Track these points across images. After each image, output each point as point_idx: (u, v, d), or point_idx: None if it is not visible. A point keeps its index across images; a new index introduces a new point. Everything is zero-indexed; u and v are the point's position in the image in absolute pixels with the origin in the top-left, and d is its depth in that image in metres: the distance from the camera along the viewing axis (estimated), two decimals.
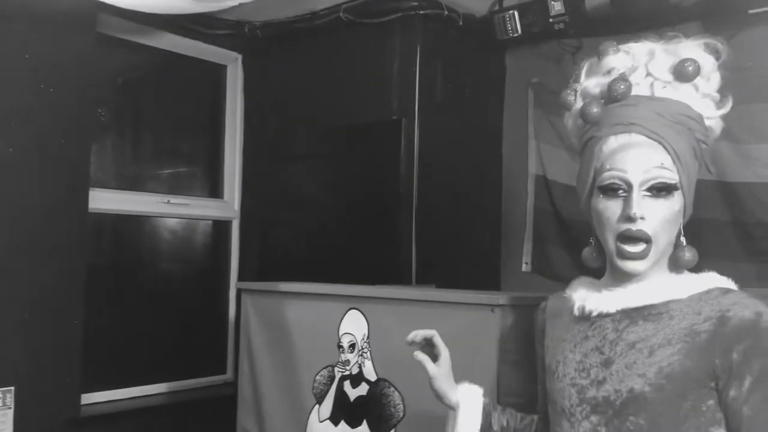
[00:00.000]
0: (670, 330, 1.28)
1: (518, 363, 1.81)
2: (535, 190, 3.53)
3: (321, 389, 2.18)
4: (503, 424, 1.55)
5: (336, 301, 2.17)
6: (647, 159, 1.28)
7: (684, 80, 1.32)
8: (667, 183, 1.28)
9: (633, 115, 1.30)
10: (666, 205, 1.29)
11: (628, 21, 3.01)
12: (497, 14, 3.14)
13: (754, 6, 2.63)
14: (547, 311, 1.54)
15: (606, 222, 1.32)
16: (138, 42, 3.38)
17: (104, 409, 3.13)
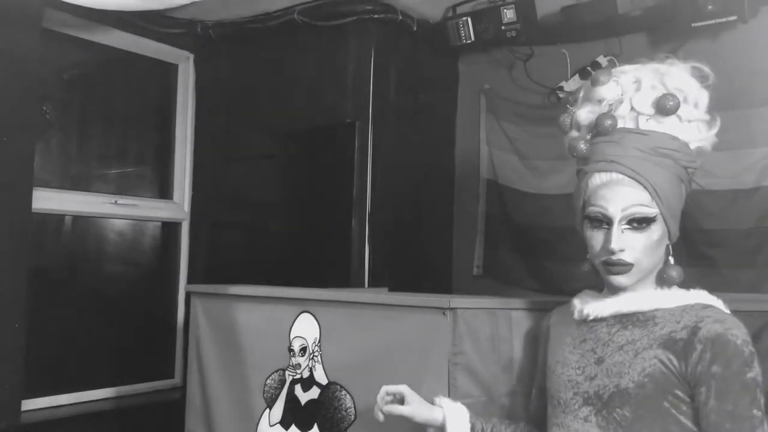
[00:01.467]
0: (654, 335, 1.42)
1: (469, 365, 1.82)
2: (487, 195, 3.58)
3: (272, 393, 2.16)
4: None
5: (287, 305, 2.16)
6: (626, 197, 1.42)
7: (665, 114, 1.42)
8: (645, 217, 1.42)
9: (615, 153, 1.44)
10: (645, 235, 1.43)
11: (577, 30, 3.10)
12: (451, 20, 3.17)
13: (697, 20, 2.72)
14: (552, 319, 1.69)
15: (592, 249, 1.49)
16: (86, 39, 3.30)
17: (46, 416, 3.03)
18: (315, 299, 2.12)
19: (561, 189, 3.32)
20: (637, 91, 1.44)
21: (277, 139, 3.46)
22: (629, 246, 1.42)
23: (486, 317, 1.86)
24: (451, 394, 1.79)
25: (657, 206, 1.42)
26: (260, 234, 3.46)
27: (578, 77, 3.28)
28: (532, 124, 3.43)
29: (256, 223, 3.48)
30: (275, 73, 3.46)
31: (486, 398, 1.82)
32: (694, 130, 1.47)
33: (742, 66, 2.88)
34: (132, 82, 3.62)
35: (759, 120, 2.81)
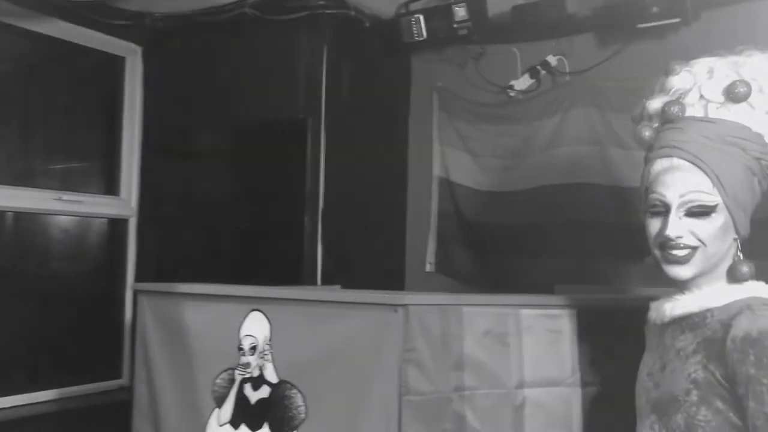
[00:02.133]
0: (699, 338, 1.35)
1: (420, 362, 1.83)
2: (439, 192, 3.61)
3: (221, 392, 2.13)
4: None
5: (237, 303, 2.13)
6: (685, 183, 1.35)
7: (735, 101, 1.36)
8: (704, 205, 1.34)
9: (678, 139, 1.38)
10: (705, 224, 1.35)
11: (527, 29, 3.14)
12: (403, 17, 3.18)
13: (643, 21, 2.78)
14: (648, 320, 1.57)
15: (650, 237, 1.41)
16: (29, 29, 3.20)
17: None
18: (265, 297, 2.10)
19: (512, 186, 3.37)
20: (709, 79, 1.40)
21: (228, 134, 3.42)
22: (687, 233, 1.34)
23: (437, 314, 1.87)
24: (402, 391, 1.80)
25: (719, 194, 1.34)
26: (210, 231, 3.41)
27: (528, 76, 3.33)
28: (485, 122, 3.46)
29: (207, 220, 3.43)
30: (226, 68, 3.42)
31: (437, 395, 1.83)
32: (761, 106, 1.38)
33: None
34: (78, 74, 3.53)
35: None
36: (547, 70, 3.29)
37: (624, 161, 3.08)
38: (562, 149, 3.24)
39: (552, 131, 3.26)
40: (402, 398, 1.80)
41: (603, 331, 1.94)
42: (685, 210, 1.35)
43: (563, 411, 1.88)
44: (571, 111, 3.22)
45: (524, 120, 3.34)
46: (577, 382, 1.89)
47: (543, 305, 1.95)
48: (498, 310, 1.91)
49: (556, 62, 3.27)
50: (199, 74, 3.49)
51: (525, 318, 1.90)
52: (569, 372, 1.89)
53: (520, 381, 1.87)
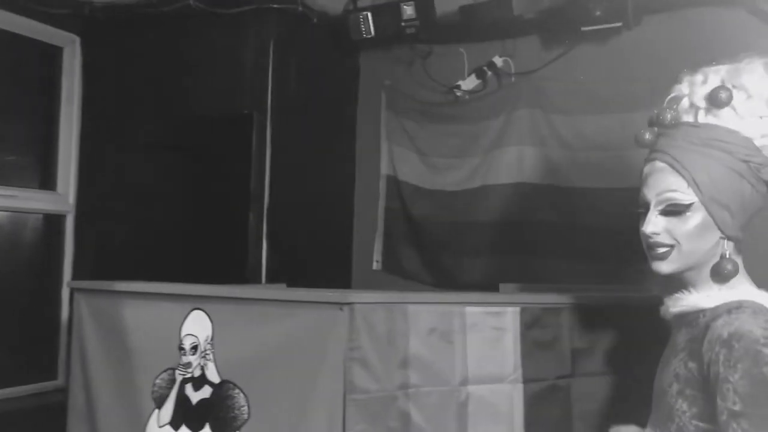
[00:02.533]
0: (689, 337, 1.41)
1: (366, 360, 1.82)
2: (387, 190, 3.61)
3: (161, 393, 2.08)
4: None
5: (178, 301, 2.08)
6: (662, 183, 1.43)
7: (717, 106, 1.41)
8: (678, 203, 1.41)
9: (665, 143, 1.46)
10: (679, 222, 1.41)
11: (474, 30, 3.17)
12: (351, 14, 3.17)
13: (586, 24, 2.84)
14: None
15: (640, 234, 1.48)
16: None
17: None
18: (208, 296, 2.06)
19: (458, 186, 3.40)
20: (702, 86, 1.45)
21: (171, 129, 3.35)
22: (664, 230, 1.42)
23: (383, 312, 1.87)
24: (346, 389, 1.79)
25: (695, 193, 1.39)
26: (152, 228, 3.34)
27: (475, 76, 3.36)
28: (432, 122, 3.49)
29: (148, 217, 3.36)
30: (169, 61, 3.34)
31: (382, 393, 1.83)
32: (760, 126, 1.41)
33: (626, 70, 3.04)
34: (12, 64, 3.39)
35: (641, 123, 2.97)
36: (493, 71, 3.33)
37: (567, 162, 3.14)
38: (507, 149, 3.28)
39: (497, 131, 3.31)
40: (347, 397, 1.79)
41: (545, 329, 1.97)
42: (660, 209, 1.43)
43: (506, 407, 1.91)
44: (516, 112, 3.27)
45: (470, 120, 3.38)
46: (520, 379, 1.92)
47: (487, 303, 1.97)
48: (443, 308, 1.92)
49: (502, 63, 3.31)
50: (141, 66, 3.41)
51: (470, 316, 1.92)
52: (512, 369, 1.92)
53: (464, 378, 1.89)
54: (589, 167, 3.08)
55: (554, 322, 1.99)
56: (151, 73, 3.38)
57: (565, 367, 1.99)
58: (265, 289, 2.57)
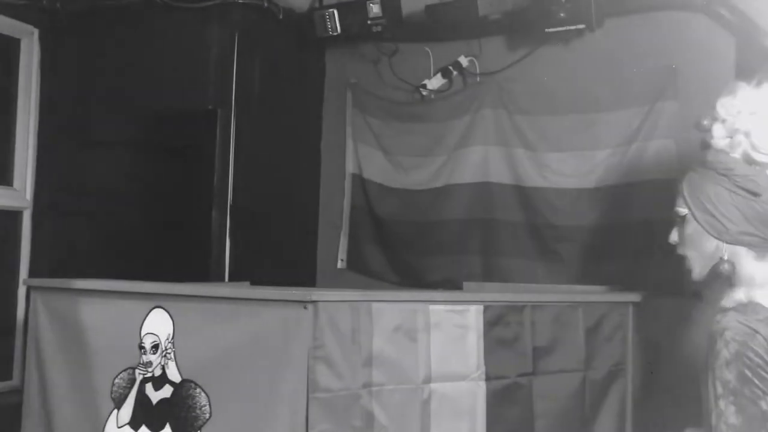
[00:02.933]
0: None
1: (329, 359, 1.82)
2: (352, 189, 3.61)
3: (120, 393, 2.05)
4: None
5: (139, 300, 2.05)
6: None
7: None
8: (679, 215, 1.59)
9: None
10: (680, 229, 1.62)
11: (440, 29, 3.18)
12: (317, 11, 3.16)
13: (550, 25, 2.88)
14: None
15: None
16: None
17: None
18: (169, 294, 2.03)
19: (423, 185, 3.42)
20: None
21: (133, 124, 3.31)
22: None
23: (348, 310, 1.87)
24: (309, 388, 1.78)
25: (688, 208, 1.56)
26: (112, 225, 3.28)
27: (440, 76, 3.38)
28: (397, 121, 3.49)
29: (109, 214, 3.30)
30: (132, 55, 3.28)
31: (346, 392, 1.83)
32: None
33: (589, 72, 3.09)
34: None
35: (603, 124, 3.02)
36: (459, 70, 3.35)
37: (529, 162, 3.18)
38: (472, 149, 3.31)
39: (462, 131, 3.33)
40: (310, 395, 1.79)
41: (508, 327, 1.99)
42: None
43: (468, 405, 1.93)
44: (481, 111, 3.29)
45: (436, 119, 3.39)
46: (482, 377, 1.94)
47: (451, 301, 1.98)
48: (407, 306, 1.93)
49: (468, 63, 3.33)
50: (102, 60, 3.34)
51: (434, 314, 1.93)
52: (475, 367, 1.94)
53: (427, 376, 1.90)
54: (552, 167, 3.13)
55: (517, 321, 2.01)
56: (112, 67, 3.32)
57: (527, 364, 2.01)
58: (228, 288, 2.54)
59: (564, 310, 2.10)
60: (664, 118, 2.97)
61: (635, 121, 3.01)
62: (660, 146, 2.97)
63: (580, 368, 2.08)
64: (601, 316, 2.15)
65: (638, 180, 3.00)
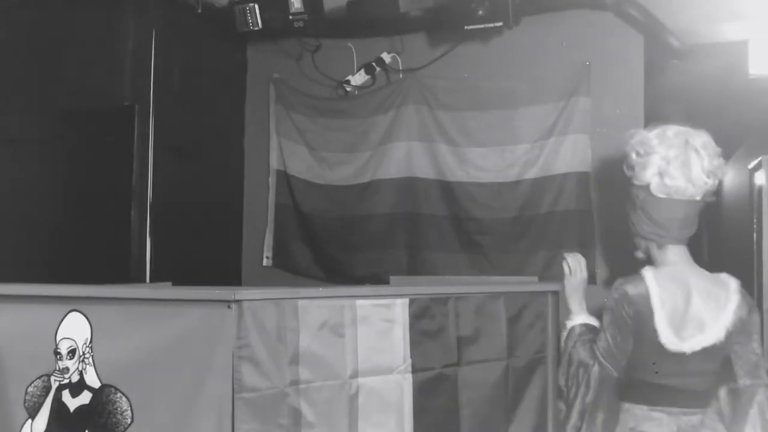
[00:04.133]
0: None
1: (254, 358, 1.80)
2: (277, 185, 3.58)
3: (34, 402, 1.96)
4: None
5: (53, 304, 1.97)
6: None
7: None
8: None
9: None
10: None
11: (363, 25, 3.20)
12: (237, 5, 3.12)
13: (469, 23, 2.94)
14: None
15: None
16: None
17: None
18: (85, 297, 1.96)
19: (348, 180, 3.43)
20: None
21: (47, 120, 3.18)
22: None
23: (273, 308, 1.85)
24: (235, 388, 1.76)
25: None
26: (27, 226, 3.15)
27: (364, 72, 3.40)
28: (321, 116, 3.49)
29: (22, 215, 3.16)
30: (46, 49, 3.16)
31: (273, 391, 1.82)
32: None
33: (507, 68, 3.18)
34: None
35: (521, 119, 3.12)
36: (382, 67, 3.38)
37: (451, 157, 3.24)
38: (395, 144, 3.34)
39: (386, 127, 3.36)
40: (235, 396, 1.76)
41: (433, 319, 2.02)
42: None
43: (395, 397, 1.95)
44: (404, 107, 3.33)
45: (359, 115, 3.41)
46: (408, 369, 1.96)
47: (377, 295, 1.99)
48: (333, 302, 1.93)
49: (390, 60, 3.36)
50: (15, 53, 3.19)
51: (360, 308, 1.94)
52: (401, 359, 1.96)
53: (354, 371, 1.91)
54: (473, 162, 3.19)
55: (441, 312, 2.05)
56: (25, 61, 3.18)
57: (452, 355, 2.05)
58: (149, 289, 2.48)
59: (486, 301, 2.14)
60: (579, 113, 3.09)
61: (552, 116, 3.12)
62: (575, 140, 3.09)
63: (503, 357, 2.14)
64: (522, 306, 2.21)
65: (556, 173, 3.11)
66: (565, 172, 3.09)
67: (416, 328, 1.98)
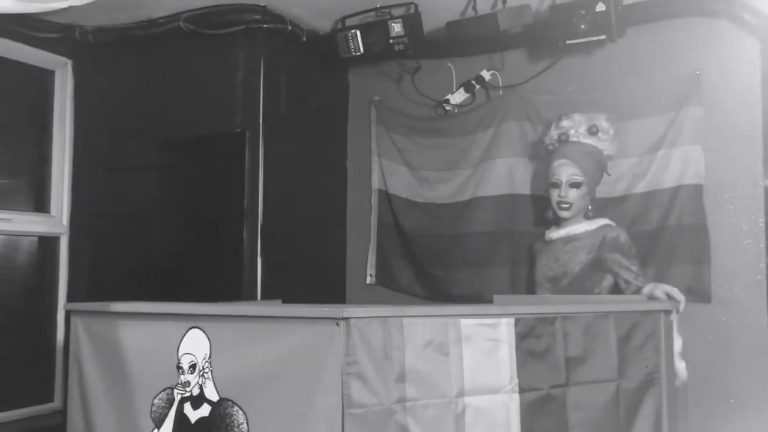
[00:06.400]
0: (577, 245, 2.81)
1: (362, 374, 1.84)
2: (378, 205, 3.64)
3: (160, 413, 2.08)
4: None
5: (175, 321, 2.09)
6: (569, 171, 2.80)
7: (591, 134, 2.83)
8: (577, 182, 2.78)
9: (565, 150, 2.84)
10: (576, 191, 2.78)
11: (462, 45, 3.21)
12: (340, 33, 3.20)
13: (571, 37, 2.89)
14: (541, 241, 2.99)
15: (552, 198, 2.83)
16: None
17: None
18: (204, 314, 2.07)
19: (448, 198, 3.44)
20: (580, 125, 2.84)
21: (164, 149, 3.37)
22: (569, 196, 2.78)
23: (379, 326, 1.88)
24: (344, 404, 1.80)
25: (583, 176, 2.78)
26: (146, 248, 3.34)
27: (463, 90, 3.41)
28: (420, 136, 3.53)
29: (142, 237, 3.36)
30: (161, 82, 3.36)
31: (380, 407, 1.84)
32: (605, 143, 2.84)
33: (611, 81, 3.10)
34: (5, 88, 3.40)
35: (627, 132, 3.02)
36: (481, 84, 3.38)
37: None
38: (496, 161, 3.32)
39: (487, 144, 3.35)
40: (345, 411, 1.80)
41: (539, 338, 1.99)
42: (569, 184, 2.77)
43: (502, 417, 1.93)
44: (505, 123, 3.31)
45: (459, 133, 3.42)
46: (515, 389, 1.94)
47: (482, 314, 1.99)
48: (438, 320, 1.94)
49: (490, 77, 3.36)
50: (133, 88, 3.43)
51: (464, 328, 1.94)
52: (508, 379, 1.94)
53: (460, 390, 1.91)
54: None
55: (548, 332, 2.01)
56: (142, 95, 3.40)
57: (560, 376, 2.01)
58: (261, 306, 2.58)
59: (595, 320, 2.09)
60: (689, 124, 2.96)
61: (660, 128, 3.01)
62: (687, 152, 2.96)
63: (613, 378, 2.07)
64: (632, 325, 2.13)
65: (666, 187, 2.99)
66: (677, 185, 2.97)
67: (522, 347, 1.96)
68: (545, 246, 2.90)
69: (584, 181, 2.76)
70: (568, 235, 2.80)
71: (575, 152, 2.79)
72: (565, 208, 2.76)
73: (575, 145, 2.80)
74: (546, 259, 2.86)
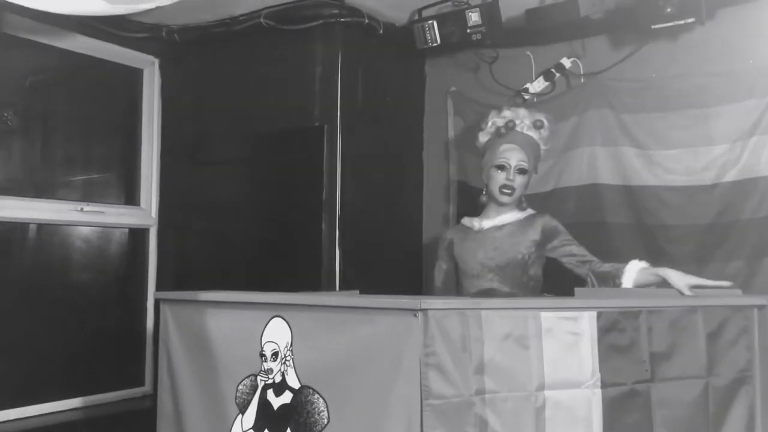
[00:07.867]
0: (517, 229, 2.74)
1: (441, 366, 1.84)
2: (458, 196, 3.61)
3: (244, 399, 2.15)
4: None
5: (258, 310, 2.15)
6: (518, 156, 2.68)
7: (536, 128, 2.73)
8: (524, 168, 2.68)
9: (513, 137, 2.71)
10: (522, 177, 2.69)
11: (541, 32, 3.14)
12: (417, 24, 3.19)
13: (657, 21, 2.78)
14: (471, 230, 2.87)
15: (496, 182, 2.69)
16: (48, 43, 3.25)
17: (16, 427, 2.99)
18: (286, 303, 2.11)
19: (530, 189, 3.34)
20: (525, 117, 2.73)
21: (245, 143, 3.45)
22: (514, 181, 2.67)
23: (457, 318, 1.88)
24: (423, 395, 1.81)
25: (528, 163, 2.69)
26: (229, 239, 3.44)
27: (543, 79, 3.34)
28: None
29: (225, 228, 3.46)
30: (242, 77, 3.45)
31: (459, 399, 1.84)
32: (543, 141, 2.77)
33: (700, 66, 2.96)
34: (96, 87, 3.57)
35: (717, 118, 2.89)
36: (562, 72, 3.30)
37: (638, 160, 3.08)
38: (577, 151, 3.24)
39: (568, 133, 3.27)
40: (423, 402, 1.81)
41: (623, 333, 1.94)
42: (517, 169, 2.67)
43: (584, 412, 1.89)
44: (586, 112, 3.22)
45: None
46: (598, 384, 1.89)
47: (562, 308, 1.95)
48: (517, 313, 1.92)
49: (570, 64, 3.28)
50: (216, 84, 3.54)
51: (545, 321, 1.91)
52: (589, 374, 1.90)
53: (540, 383, 1.88)
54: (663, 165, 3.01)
55: (632, 326, 1.96)
56: (225, 90, 3.50)
57: (645, 371, 1.95)
58: (340, 296, 2.62)
59: (682, 315, 2.01)
60: None
61: (753, 113, 2.86)
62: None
63: (702, 375, 1.99)
64: (723, 320, 2.04)
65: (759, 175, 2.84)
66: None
67: (605, 342, 1.91)
68: (476, 235, 2.73)
69: (528, 170, 2.66)
70: (503, 224, 2.69)
71: (522, 140, 2.68)
72: (507, 193, 2.63)
73: (521, 135, 2.69)
74: (483, 249, 2.68)
